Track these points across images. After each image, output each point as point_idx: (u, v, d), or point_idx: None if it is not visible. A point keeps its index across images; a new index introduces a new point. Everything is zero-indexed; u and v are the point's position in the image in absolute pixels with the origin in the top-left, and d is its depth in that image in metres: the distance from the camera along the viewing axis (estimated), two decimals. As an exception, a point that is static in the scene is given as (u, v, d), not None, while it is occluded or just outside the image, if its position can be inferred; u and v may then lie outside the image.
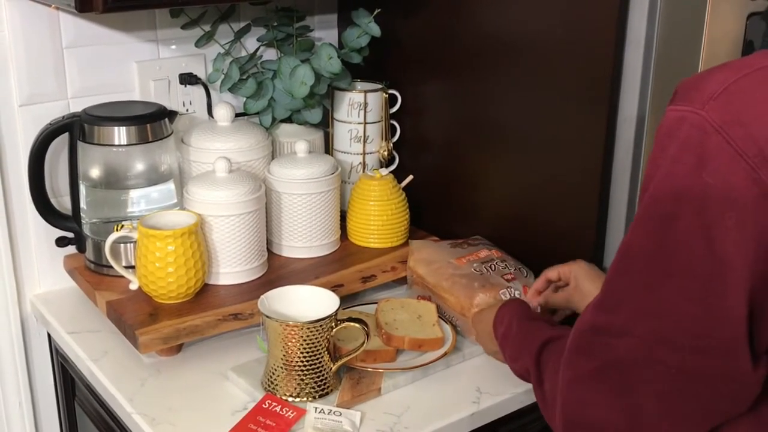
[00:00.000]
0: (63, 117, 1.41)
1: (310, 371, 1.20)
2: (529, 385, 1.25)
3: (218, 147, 1.47)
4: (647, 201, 0.82)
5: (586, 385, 0.87)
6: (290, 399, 1.20)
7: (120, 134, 1.40)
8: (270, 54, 1.67)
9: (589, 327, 0.88)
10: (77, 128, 1.41)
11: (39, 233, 1.51)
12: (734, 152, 0.75)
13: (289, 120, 1.64)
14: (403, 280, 1.52)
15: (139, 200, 1.45)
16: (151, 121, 1.42)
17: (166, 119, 1.45)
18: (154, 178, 1.45)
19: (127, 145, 1.41)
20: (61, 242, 1.49)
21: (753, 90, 0.77)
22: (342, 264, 1.51)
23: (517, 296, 1.34)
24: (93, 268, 1.47)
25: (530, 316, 1.16)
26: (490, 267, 1.40)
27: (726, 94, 0.77)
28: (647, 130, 1.25)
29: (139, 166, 1.44)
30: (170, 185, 1.48)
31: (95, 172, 1.44)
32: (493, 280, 1.37)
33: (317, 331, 1.19)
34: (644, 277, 0.82)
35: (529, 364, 1.02)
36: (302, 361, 1.19)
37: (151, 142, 1.42)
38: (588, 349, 0.87)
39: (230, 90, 1.59)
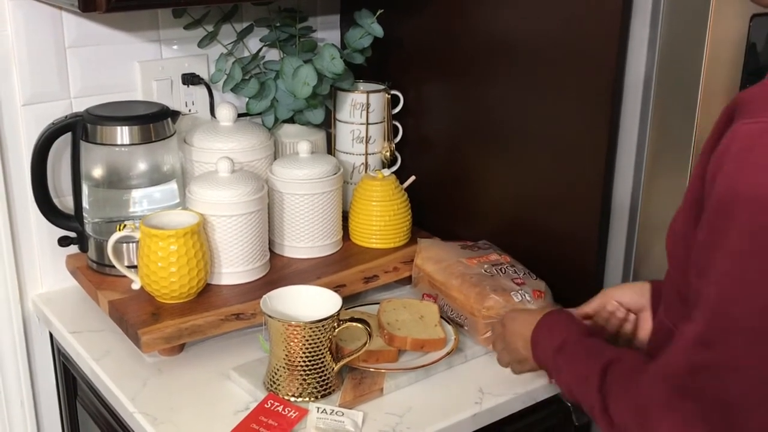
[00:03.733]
0: (66, 116, 1.41)
1: (313, 371, 1.20)
2: (532, 386, 1.25)
3: (221, 147, 1.47)
4: (748, 220, 0.77)
5: (692, 429, 0.82)
6: (292, 399, 1.20)
7: (123, 134, 1.40)
8: (273, 54, 1.67)
9: (689, 366, 0.82)
10: (80, 128, 1.41)
11: (41, 233, 1.51)
12: None
13: (291, 120, 1.64)
14: (405, 281, 1.52)
15: (141, 200, 1.45)
16: (154, 121, 1.42)
17: (169, 119, 1.45)
18: (157, 178, 1.46)
19: (129, 144, 1.41)
20: (63, 242, 1.49)
21: None
22: (344, 264, 1.51)
23: (528, 299, 1.33)
24: (95, 268, 1.47)
25: (586, 332, 1.08)
26: (500, 270, 1.40)
27: None
28: (649, 133, 1.25)
29: (142, 166, 1.44)
30: (173, 185, 1.48)
31: (98, 172, 1.44)
32: (504, 283, 1.37)
33: (319, 331, 1.19)
34: (764, 301, 0.77)
35: (592, 394, 0.95)
36: (304, 361, 1.19)
37: (153, 141, 1.42)
38: (690, 391, 0.82)
39: (233, 90, 1.59)
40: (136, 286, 1.37)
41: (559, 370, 1.05)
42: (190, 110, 1.62)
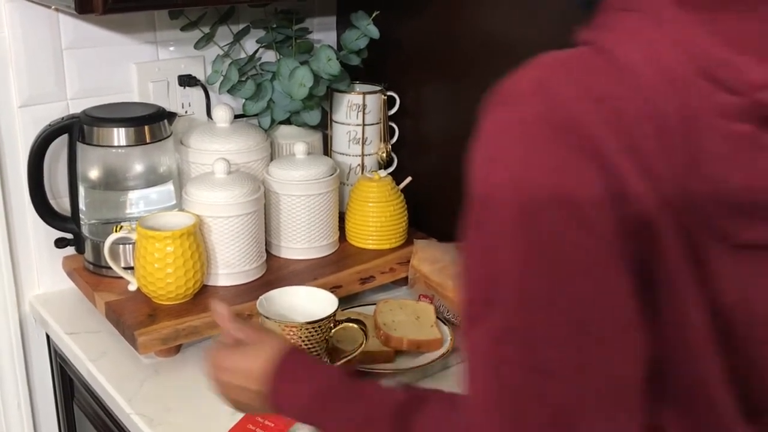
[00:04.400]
0: (62, 118, 1.41)
1: (309, 372, 1.20)
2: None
3: (217, 148, 1.48)
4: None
5: None
6: (289, 400, 1.20)
7: (119, 135, 1.40)
8: (269, 56, 1.67)
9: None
10: (77, 129, 1.41)
11: (38, 234, 1.51)
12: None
13: (288, 122, 1.64)
14: (401, 282, 1.53)
15: (138, 201, 1.45)
16: (150, 123, 1.42)
17: (165, 121, 1.45)
18: (153, 179, 1.46)
19: (126, 146, 1.41)
20: (60, 243, 1.49)
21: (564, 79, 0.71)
22: (340, 265, 1.51)
23: None
24: (92, 269, 1.47)
25: (344, 373, 0.91)
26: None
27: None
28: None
29: (138, 168, 1.44)
30: (169, 186, 1.48)
31: (94, 173, 1.44)
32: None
33: (316, 331, 1.19)
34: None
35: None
36: (301, 362, 1.19)
37: (150, 143, 1.42)
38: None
39: (229, 92, 1.59)
40: (132, 287, 1.38)
41: (323, 422, 0.88)
42: (186, 112, 1.62)
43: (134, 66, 1.54)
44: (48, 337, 1.54)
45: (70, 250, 1.52)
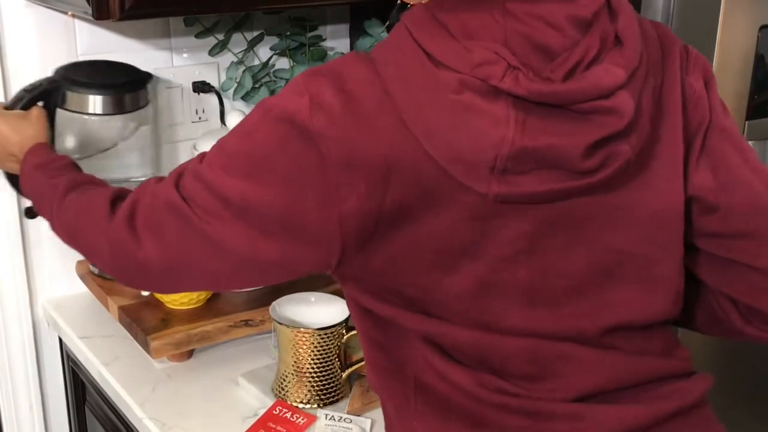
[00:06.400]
0: (41, 83, 1.31)
1: (321, 378, 1.21)
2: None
3: (231, 154, 1.48)
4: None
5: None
6: (301, 405, 1.21)
7: (95, 103, 1.36)
8: (282, 63, 1.68)
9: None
10: (56, 96, 1.32)
11: (52, 238, 1.50)
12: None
13: (300, 128, 1.64)
14: (413, 289, 1.52)
15: (122, 165, 1.45)
16: (129, 91, 1.39)
17: (145, 88, 1.41)
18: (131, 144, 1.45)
19: (102, 114, 1.37)
20: (73, 248, 1.49)
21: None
22: (352, 272, 1.51)
23: None
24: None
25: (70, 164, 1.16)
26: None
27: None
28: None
29: (114, 134, 1.42)
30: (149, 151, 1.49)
31: (70, 142, 1.38)
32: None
33: (328, 337, 1.19)
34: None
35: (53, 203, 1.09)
36: (313, 368, 1.20)
37: (128, 112, 1.40)
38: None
39: (243, 98, 1.60)
40: (145, 292, 1.38)
41: (32, 179, 1.14)
42: (200, 118, 1.62)
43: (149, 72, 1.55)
44: (61, 340, 1.54)
45: (83, 255, 1.52)
